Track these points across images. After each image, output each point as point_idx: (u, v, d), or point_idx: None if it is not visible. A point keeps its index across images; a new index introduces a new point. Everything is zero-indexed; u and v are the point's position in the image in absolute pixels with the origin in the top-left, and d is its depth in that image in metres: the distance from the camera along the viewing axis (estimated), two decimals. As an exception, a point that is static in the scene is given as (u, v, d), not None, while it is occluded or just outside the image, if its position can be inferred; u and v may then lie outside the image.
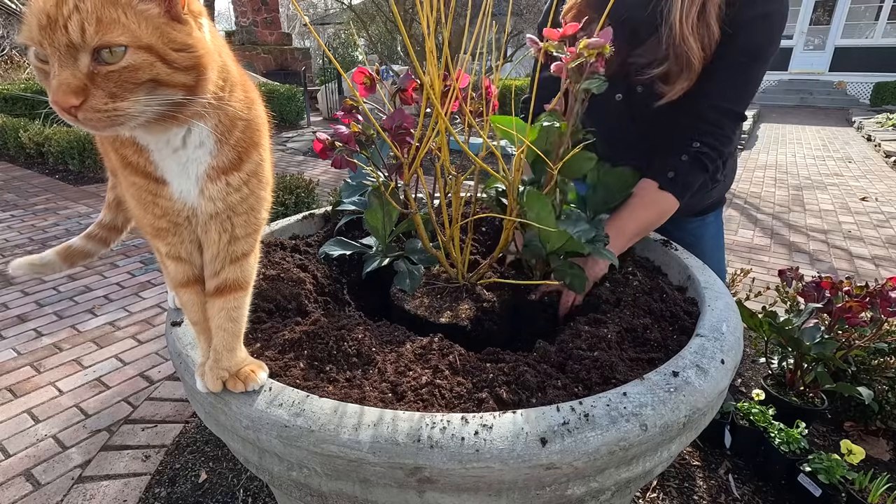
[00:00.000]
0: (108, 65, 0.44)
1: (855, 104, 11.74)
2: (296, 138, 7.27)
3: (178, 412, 1.75)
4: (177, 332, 0.81)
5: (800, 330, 1.48)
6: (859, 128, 8.53)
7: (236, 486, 1.45)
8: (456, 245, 0.99)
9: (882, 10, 11.66)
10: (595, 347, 0.78)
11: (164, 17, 0.46)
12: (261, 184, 0.61)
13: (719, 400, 0.73)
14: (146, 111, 0.47)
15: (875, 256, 3.25)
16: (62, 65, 0.43)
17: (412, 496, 0.62)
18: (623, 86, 1.18)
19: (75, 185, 4.68)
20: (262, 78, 10.07)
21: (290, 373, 0.73)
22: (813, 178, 5.34)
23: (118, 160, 0.56)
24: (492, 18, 0.86)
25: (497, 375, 0.72)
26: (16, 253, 3.10)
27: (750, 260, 3.18)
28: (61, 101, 0.43)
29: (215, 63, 0.51)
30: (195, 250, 0.63)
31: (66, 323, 2.33)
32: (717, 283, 0.95)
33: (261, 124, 0.60)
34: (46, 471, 1.51)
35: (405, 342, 0.81)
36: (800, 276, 1.69)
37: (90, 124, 0.45)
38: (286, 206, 2.92)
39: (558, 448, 0.58)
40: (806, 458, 1.36)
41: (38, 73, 0.46)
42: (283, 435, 0.61)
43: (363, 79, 0.98)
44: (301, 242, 1.17)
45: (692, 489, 1.43)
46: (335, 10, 17.60)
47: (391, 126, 0.92)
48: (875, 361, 1.59)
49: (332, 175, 5.15)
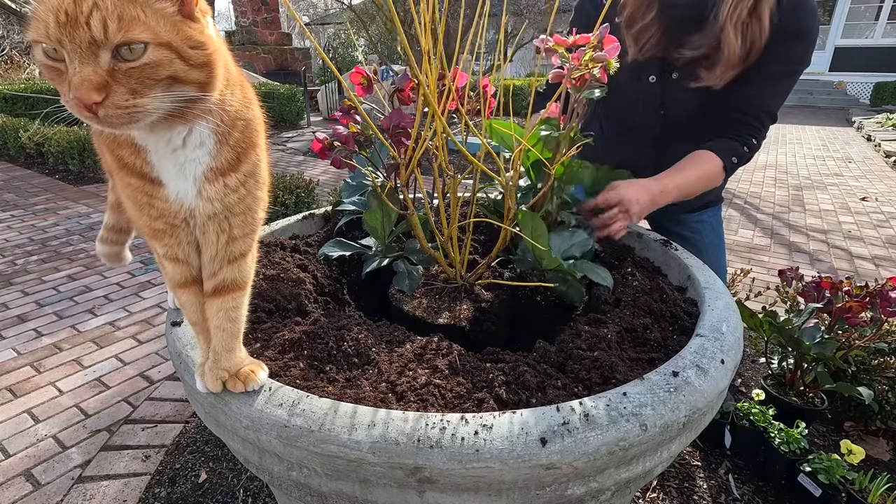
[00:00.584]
0: (128, 62, 0.44)
1: (855, 104, 11.73)
2: (296, 138, 7.27)
3: (178, 412, 1.75)
4: (177, 332, 0.81)
5: (800, 330, 1.48)
6: (859, 128, 8.52)
7: (236, 486, 1.45)
8: (454, 245, 0.99)
9: (882, 10, 11.65)
10: (595, 347, 0.78)
11: (179, 15, 0.47)
12: (257, 184, 0.61)
13: (719, 400, 0.73)
14: (162, 107, 0.47)
15: (875, 256, 3.25)
16: (83, 62, 0.43)
17: (412, 496, 0.62)
18: (657, 69, 1.22)
19: (75, 185, 4.68)
20: (262, 78, 10.06)
21: (289, 373, 0.73)
22: (813, 178, 5.34)
23: (113, 161, 0.56)
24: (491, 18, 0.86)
25: (497, 375, 0.72)
26: (16, 253, 3.10)
27: (750, 260, 3.18)
28: (84, 97, 0.43)
29: (223, 61, 0.52)
30: (193, 251, 0.63)
31: (66, 323, 2.33)
32: (717, 283, 0.95)
33: (258, 125, 0.61)
34: (46, 471, 1.51)
35: (405, 342, 0.81)
36: (800, 276, 1.69)
37: (110, 121, 0.45)
38: (286, 206, 2.92)
39: (558, 448, 0.58)
40: (806, 458, 1.36)
41: (49, 72, 0.46)
42: (283, 435, 0.61)
43: (360, 79, 0.98)
44: (301, 242, 1.17)
45: (692, 489, 1.42)
46: (335, 10, 17.61)
47: (389, 126, 0.92)
48: (875, 361, 1.59)
49: (332, 175, 5.15)
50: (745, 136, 1.19)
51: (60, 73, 0.45)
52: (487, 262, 1.03)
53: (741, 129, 1.19)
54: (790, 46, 1.11)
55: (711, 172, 1.18)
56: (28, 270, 2.87)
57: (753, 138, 1.19)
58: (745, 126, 1.19)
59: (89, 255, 3.07)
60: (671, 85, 1.23)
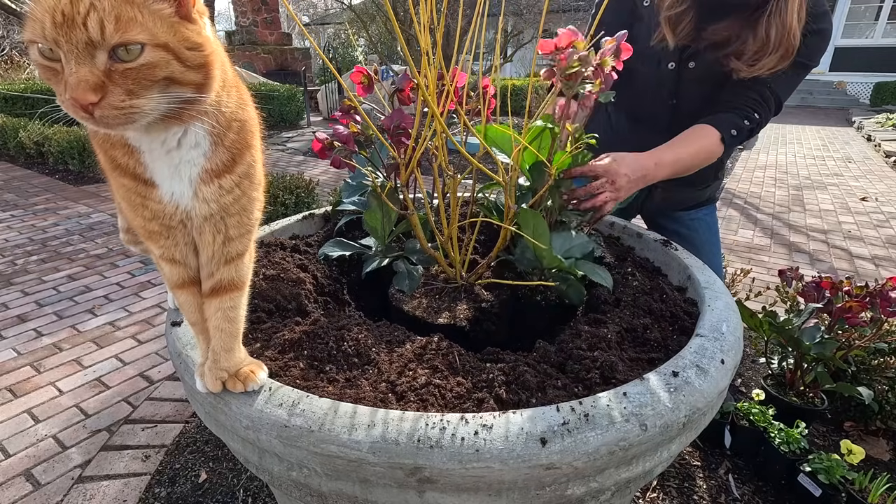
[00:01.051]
0: (125, 62, 0.44)
1: (855, 104, 11.73)
2: (296, 138, 7.26)
3: (178, 412, 1.75)
4: (176, 332, 0.81)
5: (800, 330, 1.48)
6: (859, 128, 8.52)
7: (236, 486, 1.45)
8: (454, 245, 0.99)
9: (882, 10, 11.65)
10: (595, 347, 0.78)
11: (176, 17, 0.47)
12: (252, 185, 0.61)
13: (719, 400, 0.73)
14: (158, 108, 0.47)
15: (875, 256, 3.25)
16: (80, 62, 0.43)
17: (412, 496, 0.62)
18: (676, 56, 1.22)
19: (75, 185, 4.68)
20: (262, 78, 10.06)
21: (289, 373, 0.73)
22: (813, 178, 5.34)
23: (107, 162, 0.56)
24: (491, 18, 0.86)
25: (497, 375, 0.72)
26: (16, 253, 3.10)
27: (750, 260, 3.18)
28: (80, 97, 0.43)
29: (220, 62, 0.52)
30: (190, 252, 0.63)
31: (66, 323, 2.33)
32: (716, 283, 0.95)
33: (253, 126, 0.61)
34: (46, 471, 1.51)
35: (405, 342, 0.81)
36: (800, 276, 1.69)
37: (106, 122, 0.45)
38: (286, 206, 2.92)
39: (558, 448, 0.58)
40: (806, 458, 1.36)
41: (44, 72, 0.46)
42: (283, 435, 0.61)
43: (361, 78, 0.98)
44: (301, 242, 1.17)
45: (692, 489, 1.42)
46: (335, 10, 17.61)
47: (390, 126, 0.92)
48: (875, 361, 1.59)
49: (332, 175, 5.14)
50: (745, 109, 1.18)
51: (56, 73, 0.45)
52: (487, 261, 1.03)
53: (742, 103, 1.18)
54: (808, 40, 1.11)
55: (709, 145, 1.17)
56: (28, 270, 2.87)
57: (756, 113, 1.18)
58: (746, 99, 1.18)
59: (89, 255, 3.07)
60: (687, 74, 1.23)
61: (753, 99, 1.18)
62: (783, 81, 1.17)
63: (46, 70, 0.46)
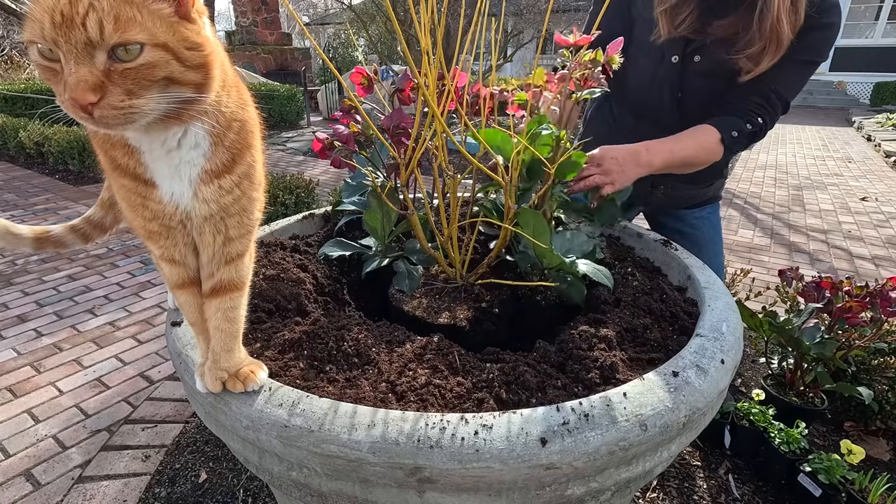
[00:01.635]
0: (124, 62, 0.44)
1: (855, 104, 11.73)
2: (296, 138, 7.26)
3: (178, 412, 1.75)
4: (176, 332, 0.81)
5: (800, 330, 1.48)
6: (859, 128, 8.52)
7: (236, 486, 1.45)
8: (454, 245, 0.99)
9: (882, 10, 11.65)
10: (595, 347, 0.78)
11: (176, 17, 0.47)
12: (252, 185, 0.61)
13: (719, 400, 0.73)
14: (158, 108, 0.47)
15: (875, 256, 3.25)
16: (79, 62, 0.43)
17: (412, 496, 0.62)
18: (681, 49, 1.22)
19: (75, 185, 4.68)
20: (262, 78, 10.06)
21: (289, 373, 0.73)
22: (813, 178, 5.34)
23: (107, 162, 0.56)
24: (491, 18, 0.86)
25: (497, 375, 0.72)
26: (16, 253, 3.10)
27: (750, 260, 3.18)
28: (80, 97, 0.43)
29: (220, 62, 0.52)
30: (190, 253, 0.63)
31: (66, 323, 2.33)
32: (717, 283, 0.95)
33: (253, 126, 0.61)
34: (46, 471, 1.51)
35: (405, 342, 0.81)
36: (800, 276, 1.69)
37: (105, 122, 0.45)
38: (286, 206, 2.92)
39: (558, 448, 0.58)
40: (806, 458, 1.36)
41: (44, 72, 0.46)
42: (283, 435, 0.61)
43: (361, 79, 0.98)
44: (301, 242, 1.17)
45: (692, 489, 1.42)
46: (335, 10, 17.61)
47: (390, 126, 0.92)
48: (875, 361, 1.59)
49: (332, 175, 5.14)
50: (749, 113, 1.18)
51: (56, 73, 0.45)
52: (487, 261, 1.03)
53: (745, 106, 1.18)
54: (812, 36, 1.10)
55: (708, 144, 1.17)
56: (28, 270, 2.87)
57: (759, 117, 1.17)
58: (750, 103, 1.18)
59: (89, 255, 3.07)
60: (692, 67, 1.23)
61: (757, 103, 1.17)
62: (789, 80, 1.17)
63: (46, 70, 0.46)
